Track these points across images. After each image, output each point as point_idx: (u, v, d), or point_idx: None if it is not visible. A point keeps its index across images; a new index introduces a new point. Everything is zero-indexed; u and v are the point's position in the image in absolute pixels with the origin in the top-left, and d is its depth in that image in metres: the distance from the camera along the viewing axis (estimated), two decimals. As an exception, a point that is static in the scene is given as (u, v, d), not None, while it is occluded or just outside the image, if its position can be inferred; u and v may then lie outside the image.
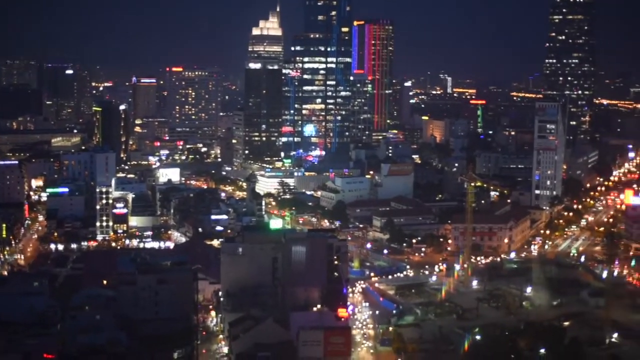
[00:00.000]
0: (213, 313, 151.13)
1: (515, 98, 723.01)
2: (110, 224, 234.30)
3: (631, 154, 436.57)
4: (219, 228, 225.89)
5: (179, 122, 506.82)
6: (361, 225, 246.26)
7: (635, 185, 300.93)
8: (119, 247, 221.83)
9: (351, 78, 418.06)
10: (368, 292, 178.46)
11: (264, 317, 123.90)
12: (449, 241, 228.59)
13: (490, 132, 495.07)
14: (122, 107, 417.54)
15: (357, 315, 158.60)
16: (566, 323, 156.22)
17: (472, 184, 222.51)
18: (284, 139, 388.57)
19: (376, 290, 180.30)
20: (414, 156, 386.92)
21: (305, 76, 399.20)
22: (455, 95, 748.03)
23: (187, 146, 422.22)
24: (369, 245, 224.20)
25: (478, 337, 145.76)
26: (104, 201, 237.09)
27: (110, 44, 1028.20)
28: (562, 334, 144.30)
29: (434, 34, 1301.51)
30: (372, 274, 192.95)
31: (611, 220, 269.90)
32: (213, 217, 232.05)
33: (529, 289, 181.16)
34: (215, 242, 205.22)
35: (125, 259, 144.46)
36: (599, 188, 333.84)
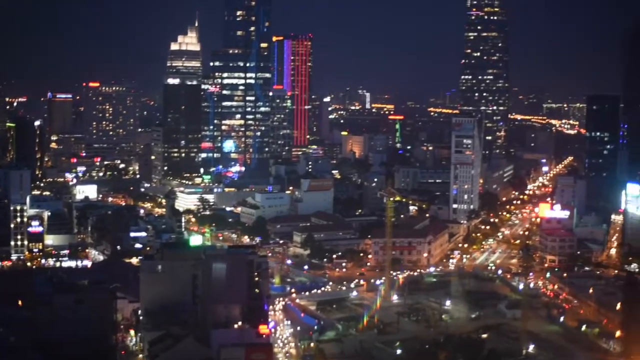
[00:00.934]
0: (132, 332, 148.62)
1: (432, 113, 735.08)
2: (25, 242, 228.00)
3: (545, 168, 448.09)
4: (137, 245, 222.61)
5: (96, 138, 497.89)
6: (281, 241, 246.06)
7: (549, 199, 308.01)
8: (34, 267, 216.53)
9: (270, 93, 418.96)
10: (289, 308, 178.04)
11: (184, 335, 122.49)
12: (369, 256, 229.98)
13: (409, 147, 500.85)
14: (37, 122, 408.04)
15: (279, 331, 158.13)
16: (484, 335, 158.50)
17: (391, 199, 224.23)
18: (203, 155, 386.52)
19: (297, 306, 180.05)
20: (333, 171, 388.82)
21: (224, 92, 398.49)
22: (373, 110, 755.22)
23: (105, 162, 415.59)
24: (289, 261, 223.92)
25: (399, 351, 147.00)
26: (19, 219, 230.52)
27: (24, 58, 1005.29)
28: (481, 346, 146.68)
29: (353, 49, 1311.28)
30: (292, 290, 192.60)
31: (526, 233, 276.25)
32: (132, 234, 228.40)
33: (448, 302, 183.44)
34: (134, 260, 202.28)
35: (42, 279, 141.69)
36: (514, 202, 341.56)
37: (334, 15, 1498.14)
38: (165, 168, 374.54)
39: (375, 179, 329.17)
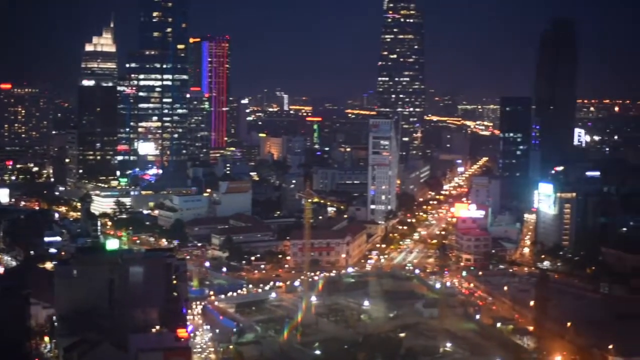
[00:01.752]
0: (47, 338, 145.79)
1: (350, 115, 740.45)
2: None
3: (460, 169, 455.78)
4: (52, 250, 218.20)
5: (8, 140, 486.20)
6: (200, 244, 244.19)
7: (464, 199, 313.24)
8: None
9: (188, 95, 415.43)
10: (208, 311, 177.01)
11: (100, 341, 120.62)
12: (288, 257, 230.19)
13: (327, 148, 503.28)
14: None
15: (198, 335, 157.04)
16: (402, 334, 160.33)
17: (310, 200, 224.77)
18: (119, 158, 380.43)
19: (216, 309, 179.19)
20: (252, 173, 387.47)
21: (140, 93, 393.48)
22: (291, 112, 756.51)
23: (17, 166, 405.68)
24: (208, 264, 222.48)
25: (318, 352, 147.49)
26: None
27: None
28: (399, 344, 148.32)
29: (271, 51, 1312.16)
30: (211, 293, 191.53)
31: (443, 232, 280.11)
32: (46, 239, 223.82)
33: (366, 302, 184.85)
34: (49, 265, 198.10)
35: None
36: (431, 202, 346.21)
37: (251, 16, 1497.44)
38: (81, 171, 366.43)
39: (294, 181, 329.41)
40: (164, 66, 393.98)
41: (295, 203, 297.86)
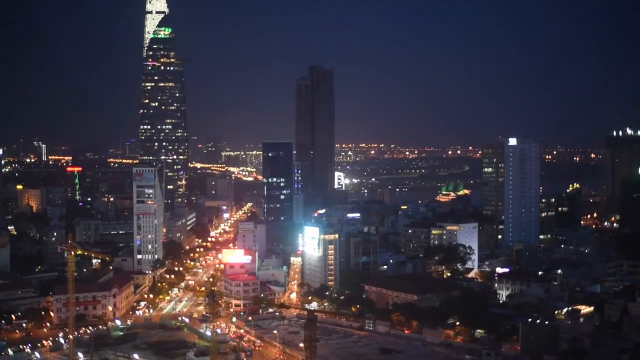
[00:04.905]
0: None
1: (112, 164, 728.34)
2: None
3: (226, 215, 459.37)
4: None
5: None
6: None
7: (231, 245, 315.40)
8: None
9: None
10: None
11: None
12: (52, 314, 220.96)
13: (89, 199, 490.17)
14: None
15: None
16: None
17: (73, 253, 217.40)
18: None
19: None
20: (9, 227, 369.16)
21: None
22: (50, 162, 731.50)
23: None
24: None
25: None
26: None
27: None
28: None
29: (26, 100, 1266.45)
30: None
31: (212, 279, 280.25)
32: None
33: (136, 356, 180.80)
34: None
35: None
36: (198, 249, 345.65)
37: (4, 63, 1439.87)
38: None
39: (55, 233, 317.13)
40: None
41: (57, 256, 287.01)
